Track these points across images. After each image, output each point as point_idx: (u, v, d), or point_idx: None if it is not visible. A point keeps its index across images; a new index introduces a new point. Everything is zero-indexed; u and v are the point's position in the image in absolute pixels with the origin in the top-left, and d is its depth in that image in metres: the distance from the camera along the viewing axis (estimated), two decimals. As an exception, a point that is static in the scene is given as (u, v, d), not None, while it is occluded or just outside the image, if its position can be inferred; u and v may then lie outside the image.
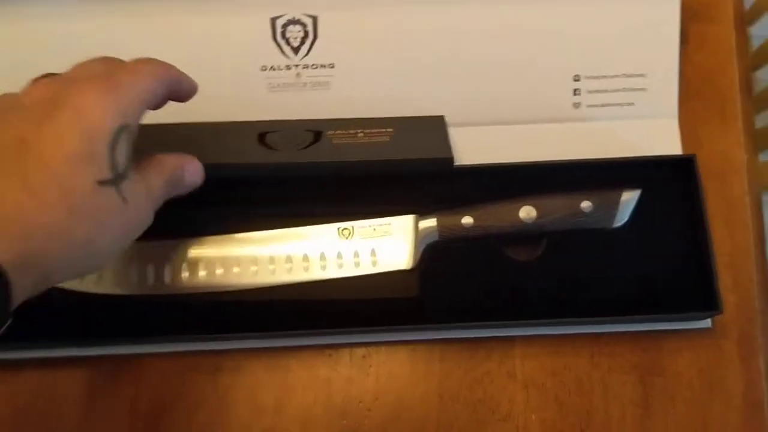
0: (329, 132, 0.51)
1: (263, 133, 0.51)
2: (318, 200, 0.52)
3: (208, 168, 0.45)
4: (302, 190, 0.52)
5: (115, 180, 0.37)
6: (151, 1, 0.52)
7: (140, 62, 0.40)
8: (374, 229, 0.50)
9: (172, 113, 0.55)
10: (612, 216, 0.49)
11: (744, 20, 0.59)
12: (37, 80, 0.39)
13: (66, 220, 0.35)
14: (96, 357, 0.49)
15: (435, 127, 0.52)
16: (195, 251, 0.49)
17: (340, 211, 0.51)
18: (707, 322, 0.49)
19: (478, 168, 0.52)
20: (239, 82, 0.55)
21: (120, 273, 0.49)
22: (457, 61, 0.54)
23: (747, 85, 0.57)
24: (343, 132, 0.50)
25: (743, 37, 0.59)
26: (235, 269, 0.49)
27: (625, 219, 0.49)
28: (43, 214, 0.34)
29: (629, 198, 0.49)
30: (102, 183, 0.36)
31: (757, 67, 0.82)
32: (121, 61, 0.40)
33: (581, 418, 0.48)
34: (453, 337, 0.50)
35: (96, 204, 0.36)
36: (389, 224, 0.50)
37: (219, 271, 0.49)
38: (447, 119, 0.52)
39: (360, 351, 0.50)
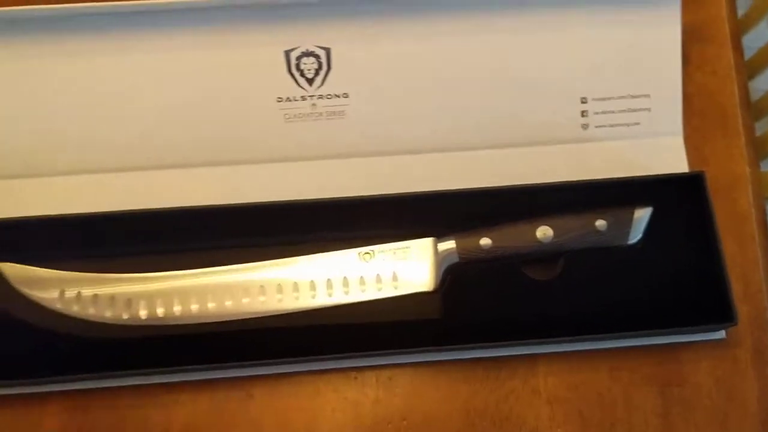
0: None
1: None
2: (333, 226, 0.53)
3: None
4: (317, 216, 0.53)
5: None
6: (167, 37, 0.54)
7: None
8: (394, 253, 0.51)
9: (189, 149, 0.57)
10: (626, 233, 0.51)
11: (739, 36, 0.61)
12: None
13: None
14: (123, 387, 0.50)
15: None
16: (220, 280, 0.50)
17: (356, 235, 0.52)
18: (721, 333, 0.51)
19: (493, 190, 0.53)
20: (255, 114, 0.56)
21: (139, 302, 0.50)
22: (469, 86, 0.56)
23: (746, 99, 0.59)
24: None
25: (739, 54, 0.61)
26: (261, 297, 0.50)
27: (639, 236, 0.51)
28: None
29: (642, 215, 0.51)
30: None
31: (750, 77, 0.84)
32: None
33: (605, 430, 0.50)
34: (477, 356, 0.51)
35: None
36: (408, 247, 0.51)
37: (245, 300, 0.50)
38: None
39: (386, 373, 0.51)
